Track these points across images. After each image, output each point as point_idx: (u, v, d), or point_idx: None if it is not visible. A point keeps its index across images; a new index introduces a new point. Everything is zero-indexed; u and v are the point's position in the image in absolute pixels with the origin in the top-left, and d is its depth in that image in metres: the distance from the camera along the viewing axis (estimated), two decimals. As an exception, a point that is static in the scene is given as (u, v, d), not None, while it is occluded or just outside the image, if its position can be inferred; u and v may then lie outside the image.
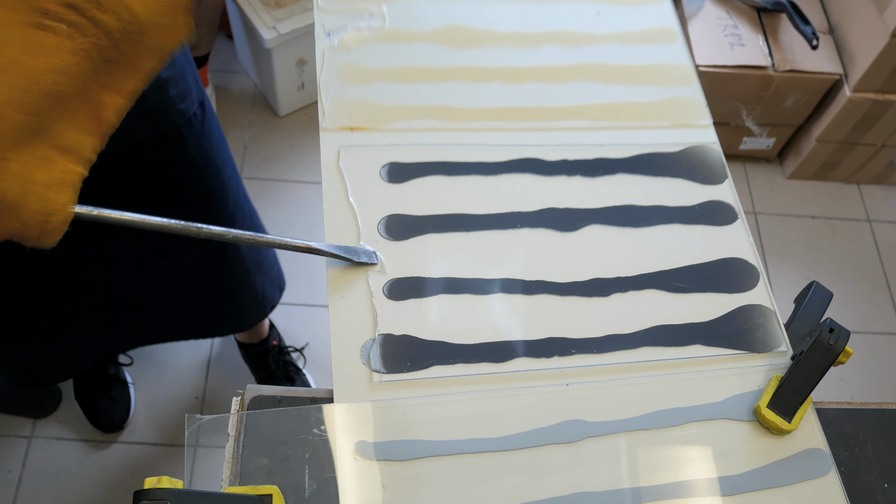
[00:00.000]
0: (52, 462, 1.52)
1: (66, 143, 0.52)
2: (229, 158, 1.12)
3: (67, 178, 0.52)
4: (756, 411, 0.68)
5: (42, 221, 0.50)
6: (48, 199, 0.50)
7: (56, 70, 0.48)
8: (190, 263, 1.16)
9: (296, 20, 1.79)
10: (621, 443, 0.65)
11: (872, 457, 0.69)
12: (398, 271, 0.72)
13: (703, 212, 0.80)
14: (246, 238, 0.64)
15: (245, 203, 1.20)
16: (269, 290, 1.37)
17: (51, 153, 0.51)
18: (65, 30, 0.49)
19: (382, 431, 0.63)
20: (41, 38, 0.48)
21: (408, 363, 0.67)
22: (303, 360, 1.70)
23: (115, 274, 1.09)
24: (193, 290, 1.22)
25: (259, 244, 0.65)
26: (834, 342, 0.66)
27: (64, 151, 0.52)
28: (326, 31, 0.86)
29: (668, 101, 0.87)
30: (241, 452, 0.61)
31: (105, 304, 1.15)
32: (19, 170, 0.49)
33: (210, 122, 1.01)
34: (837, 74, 1.86)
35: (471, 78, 0.85)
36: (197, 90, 0.96)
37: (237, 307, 1.35)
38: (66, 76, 0.49)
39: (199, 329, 1.37)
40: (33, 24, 0.48)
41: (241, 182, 1.19)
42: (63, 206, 0.52)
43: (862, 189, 2.14)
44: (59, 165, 0.51)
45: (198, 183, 1.03)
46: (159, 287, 1.17)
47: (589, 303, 0.73)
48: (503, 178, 0.79)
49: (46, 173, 0.50)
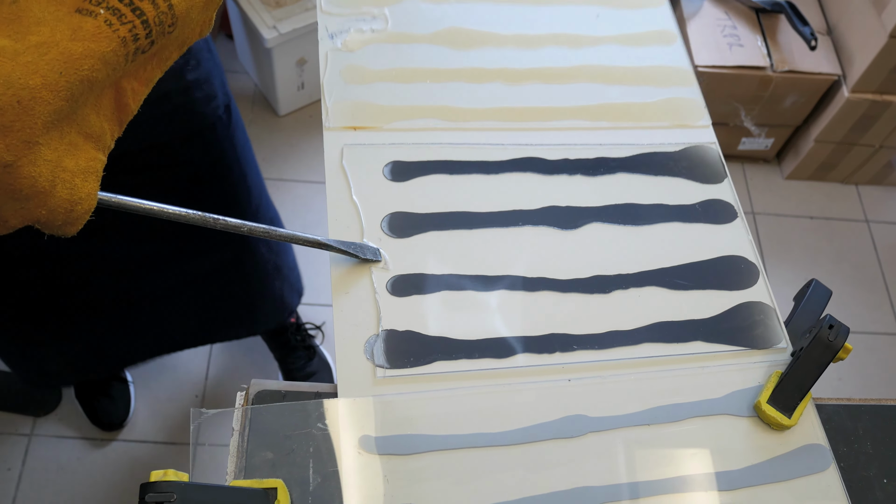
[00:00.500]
0: (53, 460, 1.52)
1: (91, 129, 0.51)
2: (253, 163, 1.12)
3: (92, 165, 0.51)
4: (756, 407, 0.68)
5: (68, 210, 0.49)
6: (75, 186, 0.49)
7: (94, 56, 0.47)
8: (208, 267, 1.16)
9: (296, 20, 1.79)
10: (622, 438, 0.66)
11: (871, 452, 0.69)
12: (401, 268, 0.72)
13: (703, 210, 0.80)
14: (260, 231, 0.64)
15: (267, 208, 1.20)
16: (287, 295, 1.37)
17: (77, 139, 0.50)
18: (104, 15, 0.48)
19: (385, 426, 0.63)
20: (81, 22, 0.47)
21: (411, 359, 0.67)
22: (321, 337, 1.71)
23: (131, 277, 1.09)
24: (211, 293, 1.22)
25: (272, 237, 0.65)
26: (833, 338, 0.66)
27: (88, 137, 0.51)
28: (330, 33, 0.87)
29: (667, 102, 0.88)
30: (245, 447, 0.61)
31: (121, 307, 1.15)
32: (50, 155, 0.47)
33: (235, 126, 1.01)
34: (836, 75, 1.87)
35: (472, 79, 0.86)
36: (223, 94, 0.96)
37: (256, 311, 1.35)
38: (102, 62, 0.48)
39: (217, 333, 1.38)
40: (74, 7, 0.47)
41: (264, 188, 1.19)
42: (88, 195, 0.50)
43: (860, 189, 2.15)
44: (85, 152, 0.50)
45: (221, 185, 1.03)
46: (177, 291, 1.17)
47: (590, 299, 0.73)
48: (505, 177, 0.80)
49: (74, 160, 0.49)
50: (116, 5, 0.48)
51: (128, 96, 0.54)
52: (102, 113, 0.52)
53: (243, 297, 1.28)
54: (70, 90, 0.47)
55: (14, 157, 0.45)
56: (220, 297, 1.24)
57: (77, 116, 0.50)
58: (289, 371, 1.62)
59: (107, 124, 0.53)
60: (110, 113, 0.53)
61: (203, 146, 0.96)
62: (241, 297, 1.27)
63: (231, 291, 1.24)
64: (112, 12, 0.48)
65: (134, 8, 0.49)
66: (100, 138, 0.52)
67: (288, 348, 1.62)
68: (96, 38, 0.47)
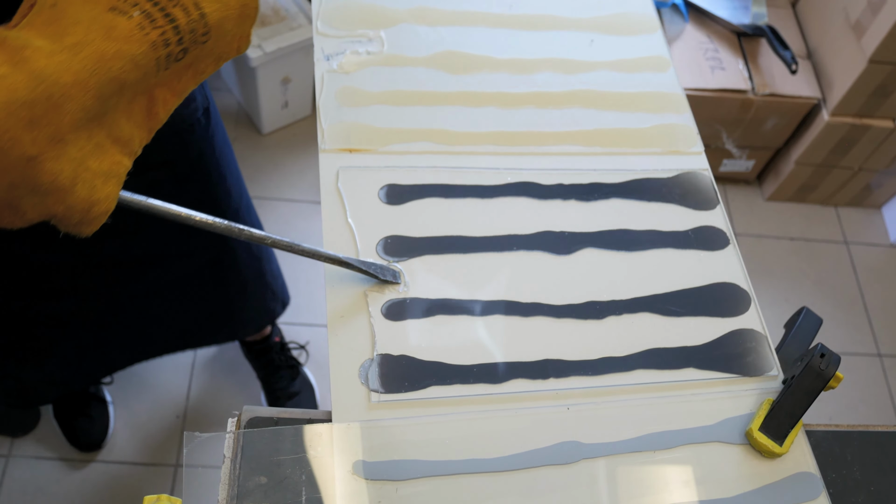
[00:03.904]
0: (31, 482, 1.50)
1: (119, 134, 0.51)
2: (233, 168, 1.12)
3: (115, 169, 0.51)
4: (748, 434, 0.68)
5: (85, 210, 0.49)
6: (95, 187, 0.50)
7: (125, 57, 0.47)
8: (190, 270, 1.15)
9: (281, 39, 1.79)
10: (615, 465, 0.66)
11: (860, 478, 0.70)
12: (397, 292, 0.72)
13: (696, 237, 0.81)
14: (283, 244, 0.64)
15: (248, 213, 1.20)
16: (269, 302, 1.38)
17: (104, 141, 0.50)
18: (138, 17, 0.48)
19: (379, 451, 0.63)
20: (115, 21, 0.47)
21: (406, 383, 0.67)
22: (305, 356, 1.70)
23: (114, 282, 1.09)
24: (192, 297, 1.21)
25: (295, 252, 0.65)
26: (825, 367, 0.67)
27: (115, 141, 0.51)
28: (326, 55, 0.87)
29: (660, 129, 0.89)
30: (237, 473, 0.61)
31: (102, 312, 1.14)
32: (75, 153, 0.48)
33: (214, 129, 1.01)
34: (816, 99, 1.90)
35: (467, 102, 0.86)
36: (203, 97, 0.96)
37: (235, 315, 1.35)
38: (132, 64, 0.48)
39: (196, 338, 1.37)
40: (108, 6, 0.48)
41: (245, 192, 1.19)
42: (107, 196, 0.51)
43: (839, 211, 2.18)
44: (110, 155, 0.51)
45: (199, 187, 1.02)
46: (158, 294, 1.17)
47: (584, 325, 0.73)
48: (499, 202, 0.80)
49: (98, 161, 0.50)
50: (149, 9, 0.49)
51: (159, 105, 0.54)
52: (133, 119, 0.53)
53: (224, 300, 1.28)
54: (100, 89, 0.47)
55: (39, 150, 0.45)
56: (200, 300, 1.23)
57: (107, 119, 0.50)
58: (272, 391, 1.61)
59: (136, 130, 0.53)
60: (141, 119, 0.53)
61: (181, 147, 0.95)
62: (221, 300, 1.27)
63: (212, 295, 1.24)
64: (146, 15, 0.48)
65: (166, 14, 0.49)
66: (127, 143, 0.52)
67: (272, 367, 1.61)
68: (129, 39, 0.48)
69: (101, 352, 1.25)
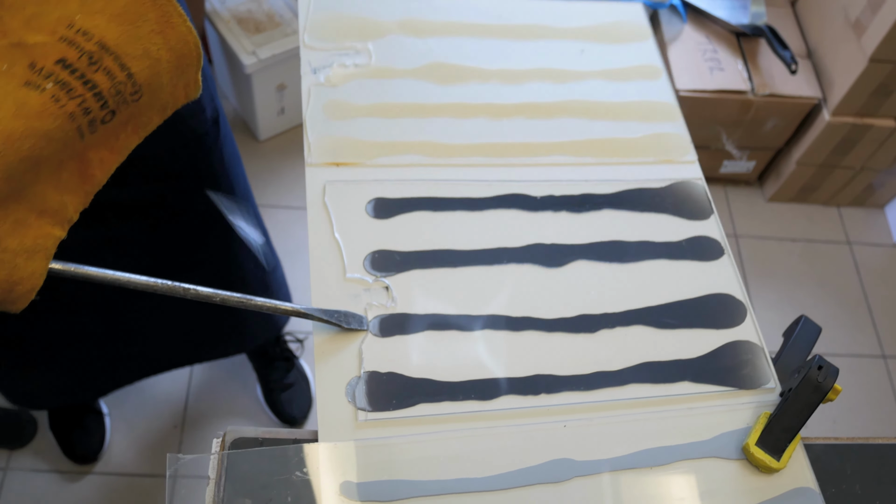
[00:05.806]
0: (28, 494, 1.49)
1: (45, 205, 0.49)
2: (242, 178, 1.11)
3: (41, 243, 0.49)
4: (745, 449, 0.67)
5: (6, 290, 0.48)
6: (16, 266, 0.48)
7: (36, 134, 0.46)
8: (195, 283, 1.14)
9: (276, 45, 1.78)
10: (609, 482, 0.65)
11: (860, 493, 0.68)
12: (384, 308, 0.71)
13: (690, 247, 0.80)
14: (234, 300, 0.64)
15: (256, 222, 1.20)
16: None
17: (26, 216, 0.48)
18: (51, 89, 0.46)
19: (367, 471, 0.62)
20: (27, 97, 0.46)
21: (393, 401, 0.66)
22: (301, 350, 1.70)
23: (122, 297, 1.08)
24: (198, 311, 1.20)
25: (248, 307, 0.64)
26: (823, 379, 0.65)
27: (41, 213, 0.49)
28: (313, 67, 0.86)
29: (652, 138, 0.88)
30: (221, 496, 0.60)
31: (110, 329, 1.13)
32: None
33: (224, 140, 1.00)
34: (816, 98, 1.88)
35: (457, 114, 0.85)
36: (212, 108, 0.95)
37: (243, 328, 1.35)
38: (46, 140, 0.46)
39: (204, 352, 1.37)
40: (22, 81, 0.46)
41: (253, 202, 1.18)
42: (31, 275, 0.49)
43: (842, 211, 2.16)
44: (34, 230, 0.49)
45: (208, 199, 1.02)
46: (164, 310, 1.16)
47: (576, 339, 0.72)
48: (489, 214, 0.79)
49: (17, 239, 0.48)
50: (66, 79, 0.47)
51: (94, 167, 0.53)
52: (63, 186, 0.51)
53: (231, 313, 1.27)
54: (8, 170, 0.45)
55: None
56: (207, 314, 1.22)
57: (27, 194, 0.48)
58: (266, 382, 1.62)
59: (69, 197, 0.51)
60: (74, 185, 0.52)
61: (189, 158, 0.94)
62: (228, 314, 1.26)
63: (219, 308, 1.22)
64: (61, 86, 0.47)
65: (85, 81, 0.47)
66: (57, 213, 0.51)
67: (267, 359, 1.62)
68: (40, 115, 0.46)
69: (107, 366, 1.25)
